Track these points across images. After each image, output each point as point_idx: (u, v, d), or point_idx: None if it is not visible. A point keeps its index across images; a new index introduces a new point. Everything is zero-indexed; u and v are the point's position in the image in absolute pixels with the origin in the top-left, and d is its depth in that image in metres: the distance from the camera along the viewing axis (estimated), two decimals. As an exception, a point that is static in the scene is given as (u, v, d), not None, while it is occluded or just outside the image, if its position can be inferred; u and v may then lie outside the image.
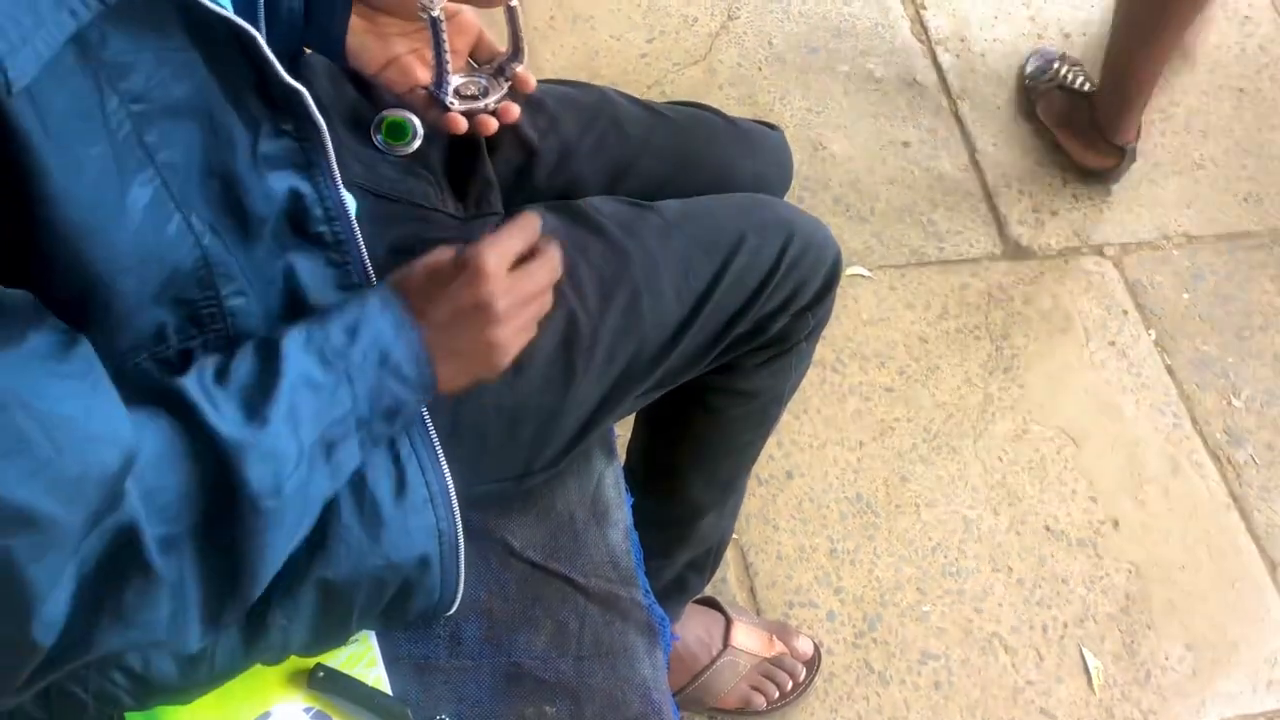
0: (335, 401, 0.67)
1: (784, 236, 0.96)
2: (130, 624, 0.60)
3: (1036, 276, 1.78)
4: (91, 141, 0.57)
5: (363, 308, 0.70)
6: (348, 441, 0.69)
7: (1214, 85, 2.03)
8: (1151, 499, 1.59)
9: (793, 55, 2.00)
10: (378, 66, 0.84)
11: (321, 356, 0.67)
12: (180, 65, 0.62)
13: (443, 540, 0.79)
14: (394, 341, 0.70)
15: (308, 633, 0.77)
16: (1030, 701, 1.42)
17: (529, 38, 1.96)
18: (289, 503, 0.64)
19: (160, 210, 0.62)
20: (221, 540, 0.63)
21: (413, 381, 0.71)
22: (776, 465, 1.56)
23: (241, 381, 0.65)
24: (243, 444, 0.62)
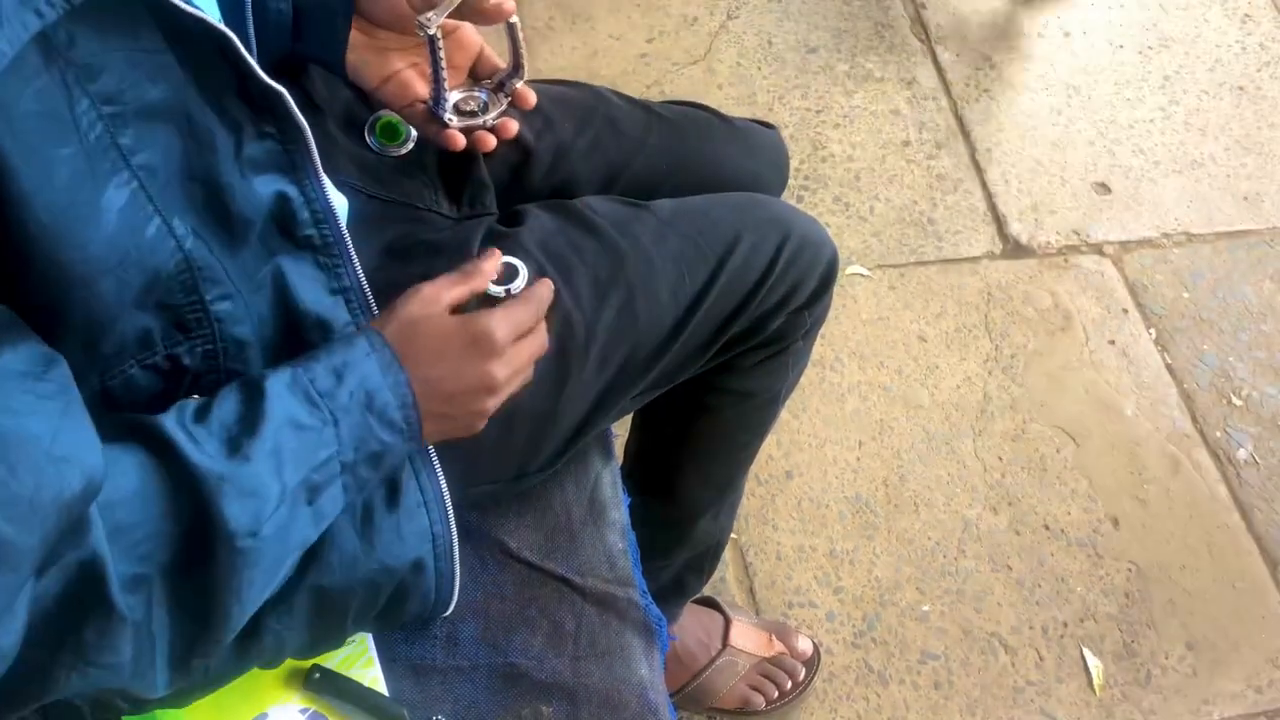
0: (320, 443, 0.66)
1: (780, 235, 0.96)
2: (91, 664, 0.58)
3: (1036, 275, 1.78)
4: (61, 143, 0.57)
5: (349, 349, 0.69)
6: (331, 486, 0.67)
7: (1214, 83, 2.03)
8: (1152, 498, 1.58)
9: (792, 54, 2.00)
10: (377, 82, 0.84)
11: (307, 397, 0.66)
12: (155, 67, 0.61)
13: (437, 543, 0.78)
14: (381, 386, 0.69)
15: (302, 637, 0.77)
16: (1030, 701, 1.42)
17: (528, 37, 1.96)
18: (267, 544, 0.63)
19: (138, 213, 0.61)
20: (194, 581, 0.61)
21: (399, 428, 0.70)
22: (775, 465, 1.56)
23: (224, 420, 0.64)
24: (221, 478, 0.61)
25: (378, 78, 0.84)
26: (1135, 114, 1.97)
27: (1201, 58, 2.06)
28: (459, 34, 0.84)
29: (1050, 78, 2.01)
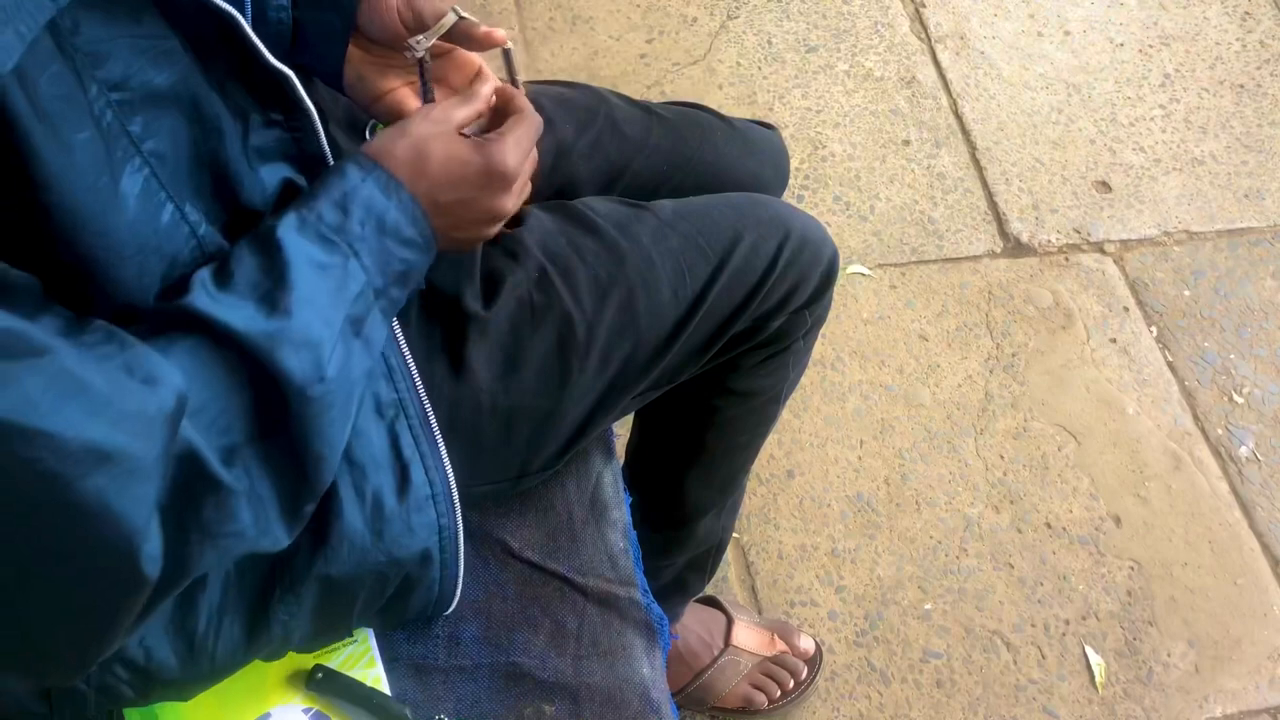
0: (348, 277, 0.67)
1: (780, 235, 0.96)
2: (218, 536, 0.60)
3: (1037, 273, 1.78)
4: (79, 127, 0.57)
5: (342, 179, 0.69)
6: (371, 314, 0.68)
7: (1214, 81, 2.03)
8: (1153, 496, 1.58)
9: (791, 54, 2.00)
10: (372, 98, 0.84)
11: (320, 236, 0.67)
12: (160, 53, 0.62)
13: (444, 536, 0.79)
14: (386, 206, 0.69)
15: (308, 627, 0.77)
16: (1032, 699, 1.42)
17: (529, 39, 1.96)
18: (335, 384, 0.64)
19: (151, 200, 0.62)
20: (280, 439, 0.62)
21: (414, 241, 0.71)
22: (777, 464, 1.56)
23: (248, 280, 0.64)
24: (272, 337, 0.62)
25: (373, 94, 0.85)
26: (1136, 112, 1.97)
27: (1202, 55, 2.06)
28: (456, 54, 0.84)
29: (1051, 76, 2.01)
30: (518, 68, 0.87)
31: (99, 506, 0.52)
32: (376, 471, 0.76)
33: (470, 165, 0.73)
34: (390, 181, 0.70)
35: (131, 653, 0.72)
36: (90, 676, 0.71)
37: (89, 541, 0.53)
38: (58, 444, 0.50)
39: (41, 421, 0.50)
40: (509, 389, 0.86)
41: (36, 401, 0.50)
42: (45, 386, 0.50)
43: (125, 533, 0.53)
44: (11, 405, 0.49)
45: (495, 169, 0.73)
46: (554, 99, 1.03)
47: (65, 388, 0.51)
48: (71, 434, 0.51)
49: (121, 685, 0.72)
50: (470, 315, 0.86)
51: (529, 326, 0.87)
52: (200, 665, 0.74)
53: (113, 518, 0.53)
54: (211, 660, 0.74)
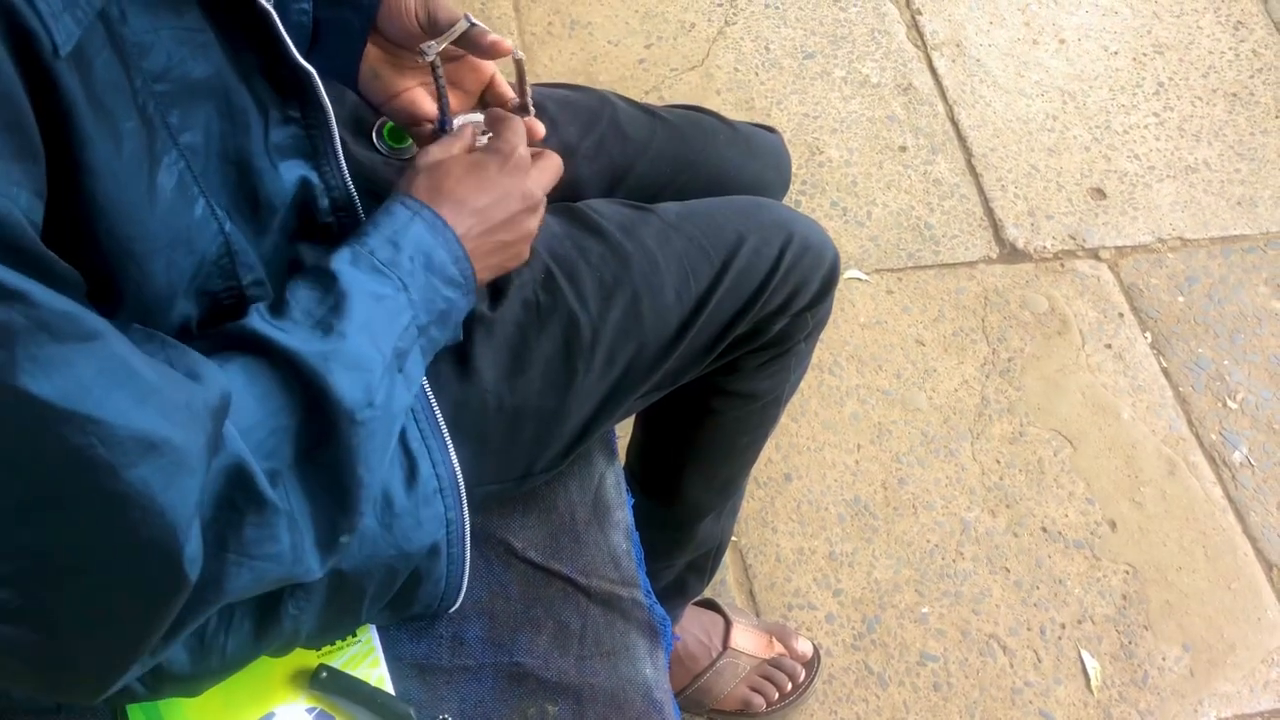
0: (398, 310, 0.68)
1: (783, 238, 0.97)
2: (256, 558, 0.59)
3: (1032, 279, 1.79)
4: (126, 115, 0.58)
5: (392, 219, 0.72)
6: (413, 351, 0.70)
7: (1208, 89, 2.04)
8: (1148, 500, 1.59)
9: (789, 60, 2.01)
10: (387, 96, 0.85)
11: (374, 269, 0.68)
12: (198, 46, 0.63)
13: (450, 529, 0.79)
14: (434, 244, 0.72)
15: (317, 621, 0.77)
16: (1029, 702, 1.42)
17: (528, 43, 1.97)
18: (382, 411, 0.65)
19: (185, 193, 0.63)
20: (322, 465, 0.62)
21: (457, 282, 0.73)
22: (775, 468, 1.57)
23: (305, 308, 0.65)
24: (325, 356, 0.62)
25: (388, 92, 0.85)
26: (1130, 120, 1.99)
27: (1195, 64, 2.07)
28: (469, 59, 0.85)
29: (1046, 84, 2.02)
30: (528, 77, 0.88)
31: (144, 497, 0.51)
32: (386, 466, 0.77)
33: (486, 164, 0.76)
34: (437, 220, 0.73)
35: None
36: None
37: (132, 534, 0.52)
38: (107, 431, 0.50)
39: (93, 408, 0.49)
40: (514, 389, 0.86)
41: (89, 387, 0.49)
42: (97, 372, 0.50)
43: (169, 526, 0.53)
44: (64, 390, 0.48)
45: (506, 155, 0.77)
46: (558, 101, 1.03)
47: (116, 374, 0.51)
48: (121, 422, 0.50)
49: (133, 681, 0.72)
50: (476, 316, 0.86)
51: (534, 328, 0.87)
52: (211, 661, 0.74)
53: (157, 509, 0.52)
54: (222, 656, 0.74)
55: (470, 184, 0.75)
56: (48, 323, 0.48)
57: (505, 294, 0.88)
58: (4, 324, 0.47)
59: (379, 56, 0.83)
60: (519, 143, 0.78)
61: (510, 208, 0.77)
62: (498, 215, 0.76)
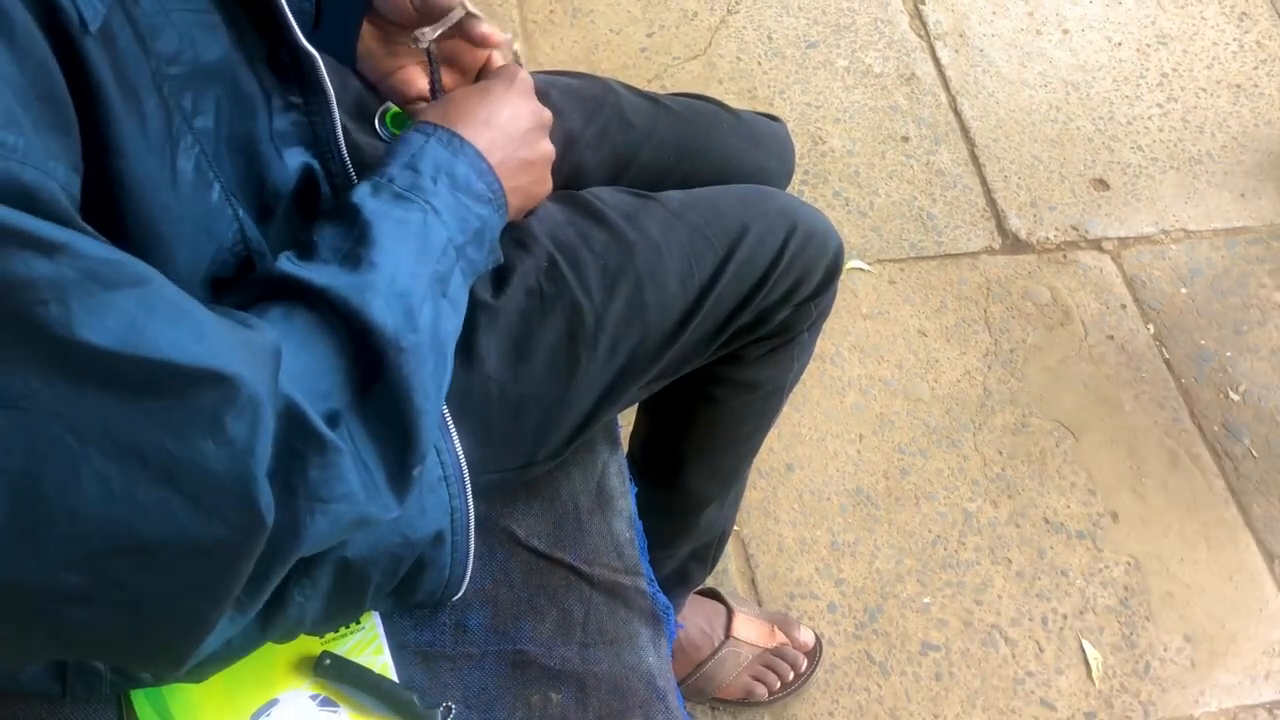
0: (430, 233, 0.67)
1: (787, 227, 0.96)
2: (328, 501, 0.57)
3: (1035, 270, 1.79)
4: (148, 95, 0.57)
5: (407, 146, 0.71)
6: (454, 273, 0.69)
7: (1211, 81, 2.04)
8: (1150, 492, 1.59)
9: (792, 50, 2.00)
10: (383, 74, 0.85)
11: (396, 196, 0.67)
12: (207, 28, 0.62)
13: (455, 517, 0.79)
14: (454, 161, 0.71)
15: (322, 609, 0.77)
16: (1030, 692, 1.43)
17: (529, 31, 1.96)
18: (427, 336, 0.63)
19: (203, 178, 0.62)
20: (378, 402, 0.61)
21: (485, 197, 0.72)
22: (777, 458, 1.57)
23: (330, 245, 0.64)
24: (359, 288, 0.61)
25: (384, 70, 0.85)
26: (1133, 111, 1.98)
27: (1199, 55, 2.07)
28: None
29: (1049, 74, 2.02)
30: (521, 62, 0.88)
31: (215, 426, 0.50)
32: None
33: (492, 85, 0.77)
34: (453, 137, 0.72)
35: None
36: None
37: (204, 466, 0.50)
38: (175, 367, 0.48)
39: (155, 349, 0.48)
40: (518, 378, 0.86)
41: (145, 327, 0.48)
42: (152, 313, 0.49)
43: (241, 458, 0.51)
44: (124, 335, 0.47)
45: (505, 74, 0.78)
46: (561, 89, 1.03)
47: (172, 313, 0.49)
48: (184, 357, 0.49)
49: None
50: (479, 303, 0.86)
51: (538, 316, 0.87)
52: (216, 649, 0.74)
53: (228, 439, 0.50)
54: (228, 643, 0.74)
55: (479, 101, 0.75)
56: (96, 272, 0.47)
57: (508, 282, 0.88)
58: (55, 279, 0.46)
59: (373, 35, 0.83)
60: (520, 70, 0.78)
61: (522, 123, 0.76)
62: (512, 129, 0.75)
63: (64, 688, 0.72)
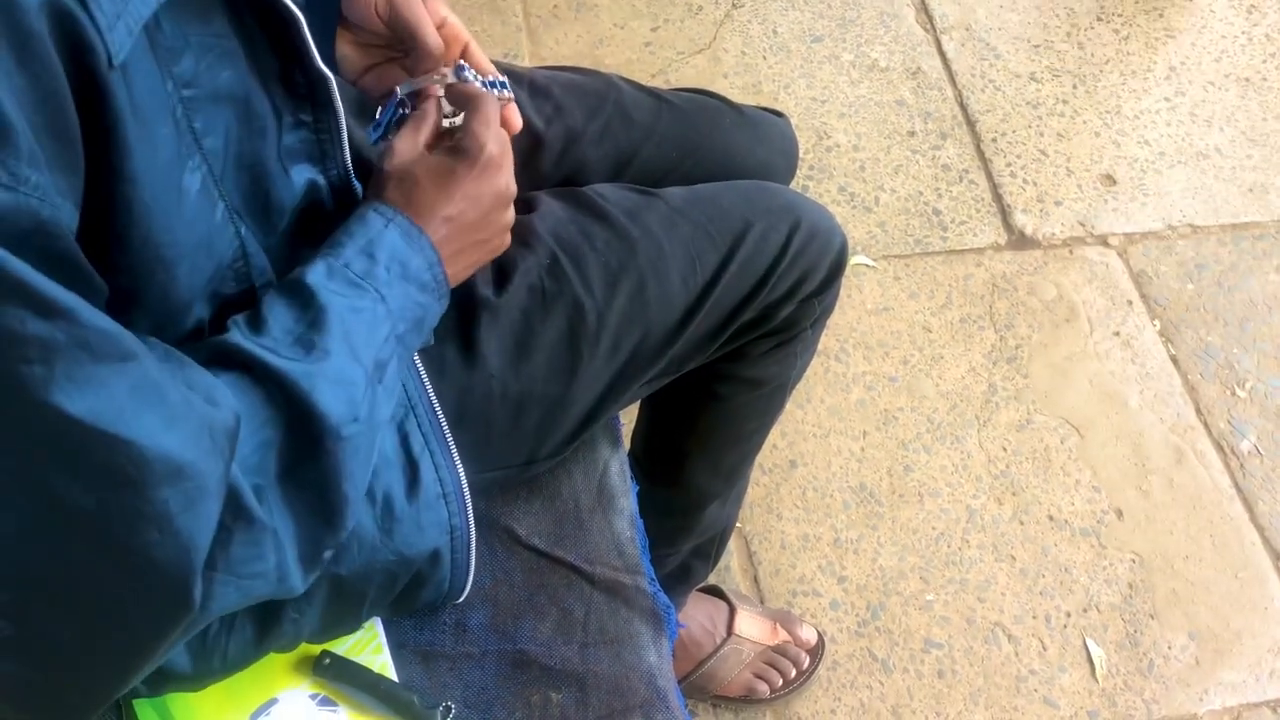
0: (377, 322, 0.68)
1: (790, 223, 0.96)
2: (243, 577, 0.59)
3: (1041, 266, 1.78)
4: (161, 121, 0.58)
5: (365, 227, 0.70)
6: (392, 360, 0.69)
7: (1220, 74, 2.02)
8: (1155, 489, 1.58)
9: (797, 44, 1.99)
10: (357, 74, 0.85)
11: (350, 283, 0.68)
12: (223, 53, 0.63)
13: (454, 535, 0.79)
14: (408, 252, 0.70)
15: (318, 623, 0.77)
16: (1033, 690, 1.42)
17: (533, 25, 1.95)
18: (366, 425, 0.64)
19: (208, 196, 0.63)
20: (305, 480, 0.62)
21: (430, 286, 0.72)
22: (780, 454, 1.56)
23: (284, 325, 0.64)
24: (310, 375, 0.62)
25: (357, 71, 0.85)
26: (1141, 105, 1.97)
27: (1208, 49, 2.05)
28: (446, 29, 0.84)
29: (1057, 68, 2.00)
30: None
31: (164, 519, 0.52)
32: (387, 470, 0.76)
33: (454, 166, 0.74)
34: (411, 228, 0.71)
35: None
36: None
37: (146, 555, 0.52)
38: (138, 452, 0.50)
39: (125, 429, 0.49)
40: (519, 375, 0.86)
41: (122, 407, 0.49)
42: (130, 392, 0.50)
43: (184, 549, 0.53)
44: (99, 409, 0.49)
45: (474, 155, 0.74)
46: (563, 84, 1.03)
47: (148, 396, 0.51)
48: (151, 443, 0.50)
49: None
50: (482, 301, 0.86)
51: (540, 313, 0.87)
52: (212, 663, 0.74)
53: (174, 531, 0.52)
54: (224, 659, 0.74)
55: (440, 194, 0.73)
56: (88, 341, 0.49)
57: (510, 280, 0.87)
58: (46, 340, 0.47)
59: (345, 38, 0.83)
60: (487, 138, 0.74)
61: (483, 207, 0.75)
62: (471, 217, 0.74)
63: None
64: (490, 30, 1.94)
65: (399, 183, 0.73)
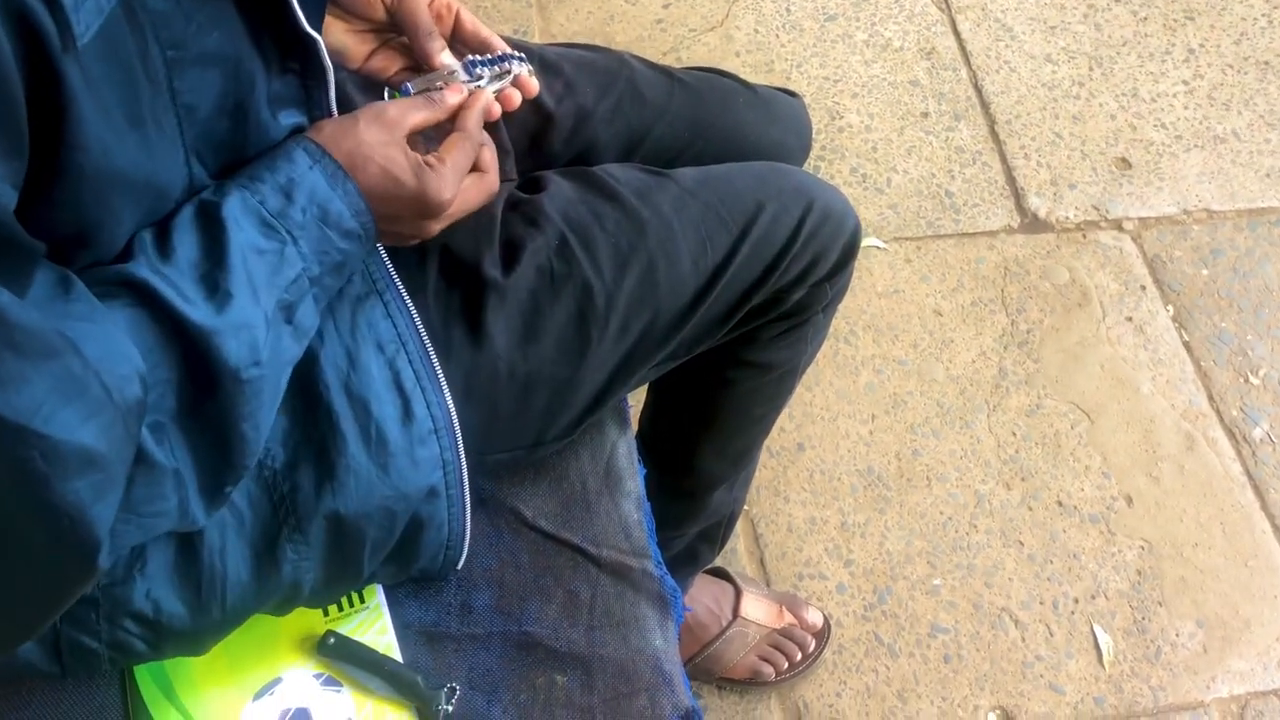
0: (285, 264, 0.68)
1: (803, 206, 0.95)
2: (144, 516, 0.61)
3: (1053, 250, 1.76)
4: (129, 94, 0.58)
5: (291, 165, 0.70)
6: (304, 302, 0.69)
7: (1239, 58, 2.00)
8: (1166, 476, 1.58)
9: (810, 22, 1.97)
10: (360, 61, 0.84)
11: (262, 220, 0.67)
12: (212, 14, 0.63)
13: (448, 471, 0.78)
14: (331, 197, 0.70)
15: (320, 570, 0.76)
16: (1040, 676, 1.42)
17: (544, 2, 1.93)
18: (268, 368, 0.65)
19: (171, 147, 0.63)
20: (205, 418, 0.63)
21: (355, 233, 0.72)
22: (788, 437, 1.56)
23: (191, 258, 0.65)
24: (211, 322, 0.62)
25: (359, 58, 0.84)
26: (1158, 88, 1.94)
27: (1227, 31, 2.02)
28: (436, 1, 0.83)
29: (1072, 49, 1.98)
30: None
31: (76, 508, 0.54)
32: (379, 405, 0.76)
33: (404, 188, 0.73)
34: (338, 172, 0.70)
35: (139, 606, 0.71)
36: (101, 633, 0.71)
37: (56, 539, 0.54)
38: (50, 446, 0.52)
39: (43, 424, 0.51)
40: (527, 356, 0.85)
41: (40, 403, 0.51)
42: (50, 389, 0.52)
43: (93, 533, 0.55)
44: (18, 406, 0.50)
45: (428, 199, 0.73)
46: (574, 62, 1.01)
47: (68, 391, 0.53)
48: (66, 436, 0.52)
49: (133, 639, 0.72)
50: (489, 282, 0.85)
51: (549, 294, 0.86)
52: (211, 612, 0.73)
53: (86, 521, 0.54)
54: (222, 606, 0.73)
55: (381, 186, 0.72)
56: (14, 340, 0.50)
57: (519, 260, 0.86)
58: None
59: (340, 27, 0.83)
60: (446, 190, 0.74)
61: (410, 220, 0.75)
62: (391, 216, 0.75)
63: (62, 668, 0.72)
64: (500, 6, 1.92)
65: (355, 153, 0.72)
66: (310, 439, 0.74)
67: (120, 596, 0.70)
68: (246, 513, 0.74)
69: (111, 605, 0.70)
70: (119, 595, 0.70)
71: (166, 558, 0.71)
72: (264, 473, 0.73)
